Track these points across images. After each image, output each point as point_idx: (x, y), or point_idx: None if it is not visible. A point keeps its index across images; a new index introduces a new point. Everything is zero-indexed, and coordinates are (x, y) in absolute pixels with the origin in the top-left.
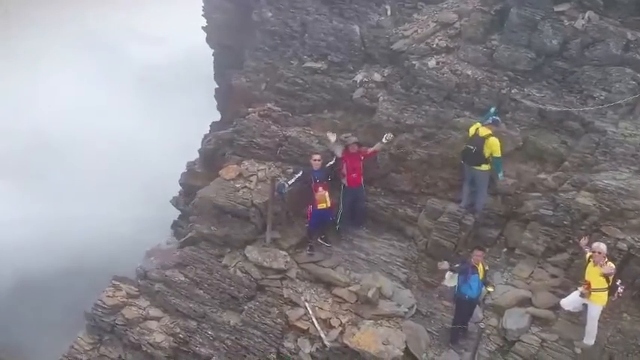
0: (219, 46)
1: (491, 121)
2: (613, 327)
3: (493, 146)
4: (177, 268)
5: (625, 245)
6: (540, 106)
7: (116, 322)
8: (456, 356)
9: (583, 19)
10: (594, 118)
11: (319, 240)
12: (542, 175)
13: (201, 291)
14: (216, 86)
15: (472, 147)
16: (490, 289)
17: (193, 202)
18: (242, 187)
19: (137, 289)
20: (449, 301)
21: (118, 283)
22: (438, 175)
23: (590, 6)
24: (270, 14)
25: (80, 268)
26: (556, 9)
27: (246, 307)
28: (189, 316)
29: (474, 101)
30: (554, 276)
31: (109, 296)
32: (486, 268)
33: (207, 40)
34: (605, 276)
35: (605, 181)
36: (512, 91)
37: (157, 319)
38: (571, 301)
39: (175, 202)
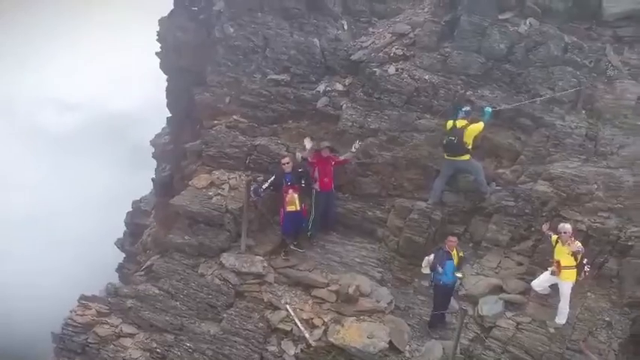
0: (176, 69)
1: (464, 114)
2: (580, 306)
3: (476, 131)
4: (149, 282)
5: (584, 226)
6: (494, 106)
7: (88, 340)
8: (439, 345)
9: (525, 24)
10: (543, 114)
11: (292, 247)
12: (500, 170)
13: (177, 302)
14: (169, 115)
15: (453, 137)
16: (459, 274)
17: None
18: (215, 195)
19: (107, 307)
20: (424, 296)
21: (86, 302)
22: (404, 177)
23: (530, 14)
24: (232, 30)
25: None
26: (500, 17)
27: (225, 315)
28: (165, 330)
29: (432, 104)
30: (520, 264)
31: (79, 314)
32: (461, 254)
33: (161, 65)
34: (574, 254)
35: (560, 170)
36: (467, 93)
37: (131, 335)
38: (541, 281)
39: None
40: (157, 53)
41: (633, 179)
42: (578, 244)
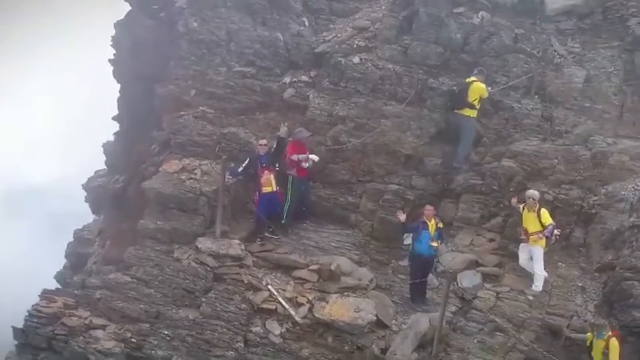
0: (131, 74)
1: (477, 72)
2: (553, 274)
3: (480, 90)
4: (120, 271)
5: (550, 197)
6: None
7: (55, 332)
8: (425, 317)
9: (478, 17)
10: (502, 98)
11: (267, 234)
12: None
13: (152, 290)
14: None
15: (456, 88)
16: (434, 244)
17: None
18: (188, 179)
19: (74, 300)
20: (404, 275)
21: (50, 295)
22: (374, 162)
23: (482, 7)
24: (195, 24)
25: None
26: (455, 10)
27: (204, 299)
28: (139, 320)
29: (397, 91)
30: (492, 240)
31: (43, 306)
32: (439, 225)
33: (115, 73)
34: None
35: (521, 148)
36: (430, 81)
37: (103, 327)
38: (522, 257)
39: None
40: (110, 60)
41: (590, 153)
42: (544, 211)
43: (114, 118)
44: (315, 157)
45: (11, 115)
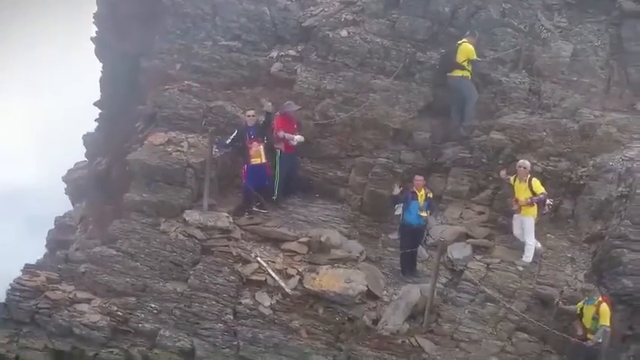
0: (114, 52)
1: (468, 34)
2: (542, 246)
3: (467, 51)
4: (105, 245)
5: (539, 169)
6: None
7: (38, 306)
8: (416, 287)
9: None
10: (489, 71)
11: (255, 208)
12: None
13: (138, 263)
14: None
15: (444, 50)
16: (423, 214)
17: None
18: (174, 151)
19: (58, 274)
20: (394, 247)
21: (33, 270)
22: (362, 136)
23: None
24: None
25: None
26: None
27: (192, 272)
28: (125, 293)
29: (385, 65)
30: (481, 213)
31: (26, 280)
32: (429, 194)
33: (97, 51)
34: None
35: (510, 121)
36: (418, 55)
37: (88, 301)
38: (515, 227)
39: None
40: (92, 38)
41: (577, 125)
42: (536, 180)
43: (95, 104)
44: (300, 138)
45: None
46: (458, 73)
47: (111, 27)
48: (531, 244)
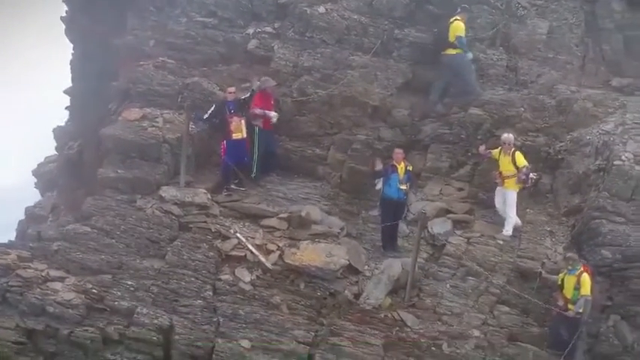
0: (84, 32)
1: (459, 10)
2: (522, 220)
3: (457, 29)
4: (78, 222)
5: (518, 144)
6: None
7: (9, 284)
8: (397, 261)
9: None
10: (467, 49)
11: (233, 185)
12: (431, 97)
13: (114, 240)
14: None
15: (436, 29)
16: (403, 186)
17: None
18: (150, 127)
19: (30, 253)
20: (374, 224)
21: (3, 248)
22: (341, 114)
23: None
24: None
25: None
26: None
27: (170, 248)
28: (100, 271)
29: (363, 42)
30: (460, 189)
31: None
32: (409, 167)
33: (67, 32)
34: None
35: (488, 97)
36: (395, 32)
37: (61, 279)
38: (498, 200)
39: None
40: (62, 18)
41: (554, 101)
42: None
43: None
44: (273, 114)
45: None
46: (451, 51)
47: (81, 5)
48: (512, 217)
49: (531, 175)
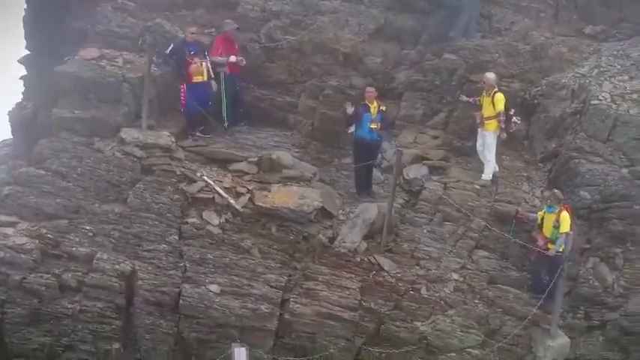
0: None
1: None
2: (499, 165)
3: None
4: (31, 166)
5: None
6: None
7: None
8: (373, 205)
9: None
10: None
11: (199, 133)
12: (405, 51)
13: (70, 183)
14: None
15: None
16: (374, 125)
17: None
18: (109, 65)
19: None
20: (347, 171)
21: None
22: (311, 61)
23: None
24: None
25: None
26: None
27: (131, 192)
28: (56, 216)
29: None
30: (435, 137)
31: None
32: (382, 107)
33: None
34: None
35: (462, 43)
36: None
37: (13, 224)
38: (479, 142)
39: None
40: None
41: (529, 47)
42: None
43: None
44: (233, 59)
45: None
46: None
47: None
48: (491, 160)
49: (514, 119)
